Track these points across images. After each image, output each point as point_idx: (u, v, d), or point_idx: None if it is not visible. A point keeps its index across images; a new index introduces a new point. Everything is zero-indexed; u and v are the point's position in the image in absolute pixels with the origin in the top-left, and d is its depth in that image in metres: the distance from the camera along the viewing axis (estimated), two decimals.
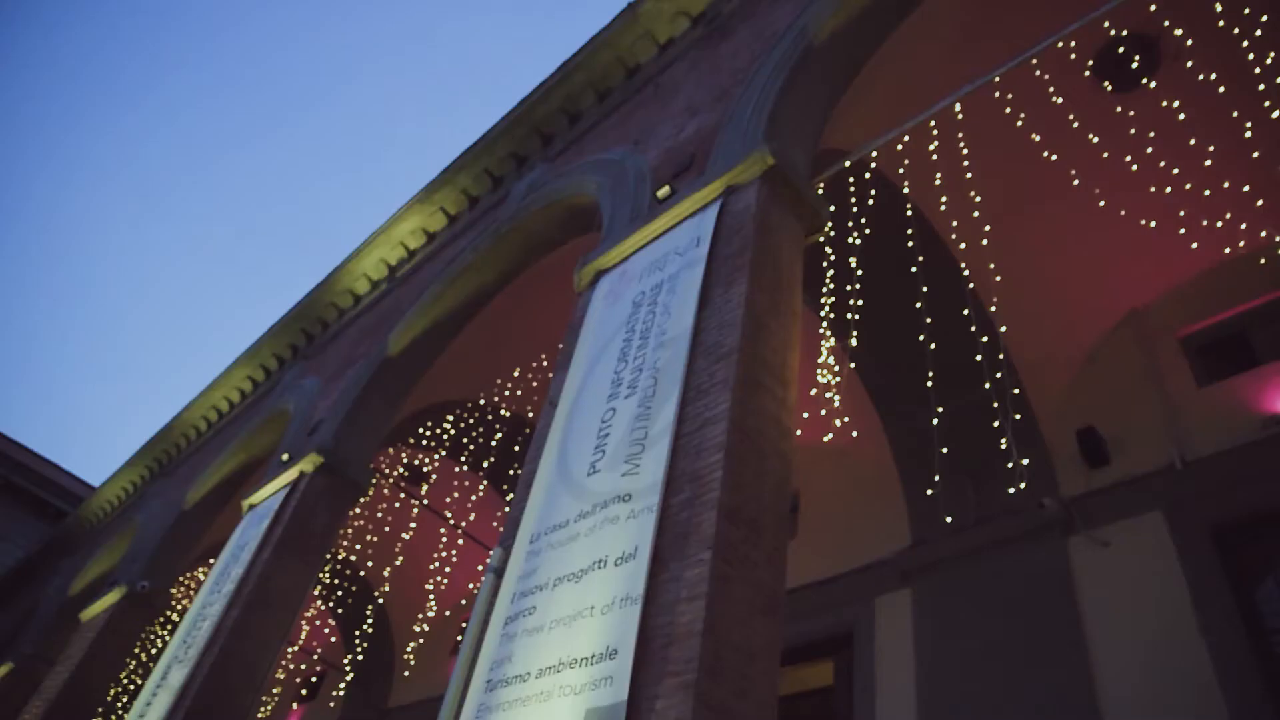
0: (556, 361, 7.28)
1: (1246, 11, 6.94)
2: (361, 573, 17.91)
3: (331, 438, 11.84)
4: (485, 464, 14.54)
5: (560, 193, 10.83)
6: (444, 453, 14.88)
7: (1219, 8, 7.00)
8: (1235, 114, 7.72)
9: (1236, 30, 7.13)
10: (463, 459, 14.75)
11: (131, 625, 15.02)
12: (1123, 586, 8.66)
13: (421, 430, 14.23)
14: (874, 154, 7.67)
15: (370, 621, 17.40)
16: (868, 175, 7.94)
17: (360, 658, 17.75)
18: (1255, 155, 8.01)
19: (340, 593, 18.26)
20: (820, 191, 7.36)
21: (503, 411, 14.18)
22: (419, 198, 14.24)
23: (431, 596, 15.94)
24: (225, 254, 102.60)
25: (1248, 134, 7.76)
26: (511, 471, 14.37)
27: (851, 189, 8.07)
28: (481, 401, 14.08)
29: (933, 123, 7.61)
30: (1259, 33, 7.10)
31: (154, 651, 16.02)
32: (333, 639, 20.03)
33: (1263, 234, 8.54)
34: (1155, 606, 8.32)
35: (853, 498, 11.63)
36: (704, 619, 4.20)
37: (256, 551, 10.83)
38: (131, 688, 15.25)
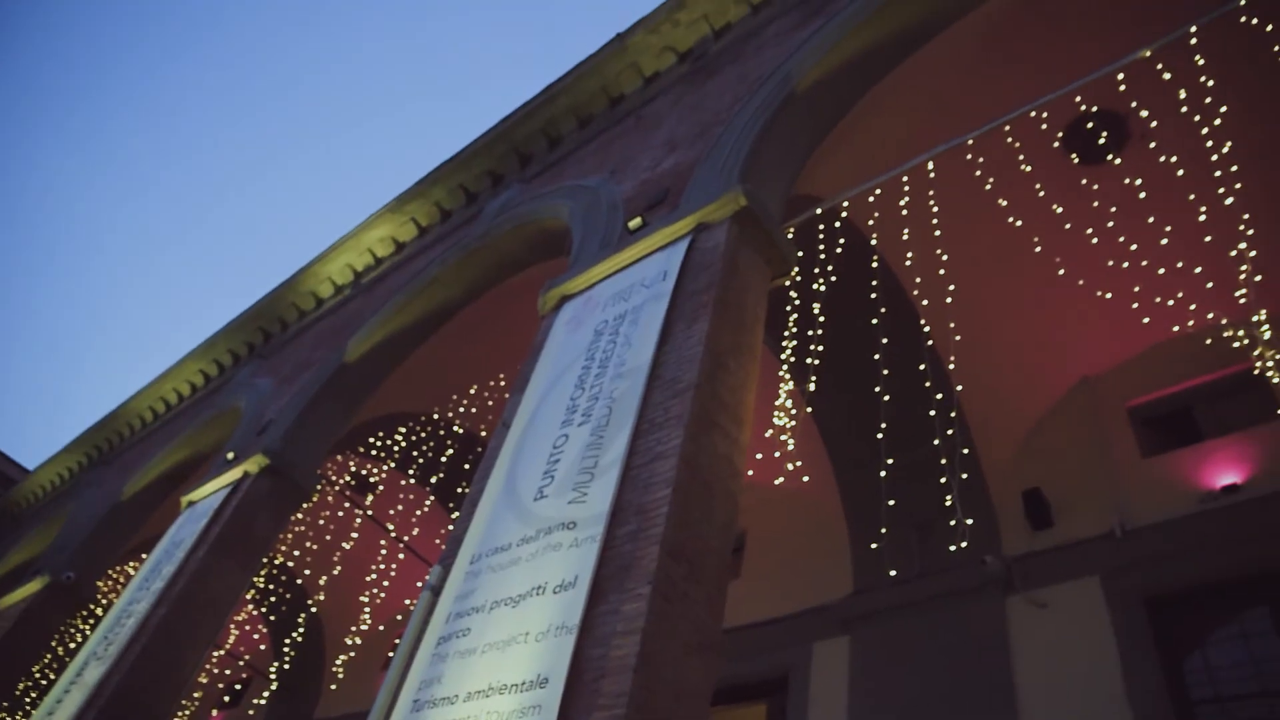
0: (514, 383, 7.24)
1: (1209, 100, 7.20)
2: (298, 580, 17.57)
3: (280, 440, 11.65)
4: (433, 479, 14.39)
5: (533, 215, 10.84)
6: (393, 464, 14.71)
7: (1183, 94, 7.26)
8: (1192, 197, 7.98)
9: (1198, 118, 7.39)
10: (411, 472, 14.58)
11: (51, 617, 14.56)
12: (1056, 648, 8.76)
13: (372, 440, 14.07)
14: (845, 204, 7.80)
15: (302, 630, 17.04)
16: (838, 224, 8.06)
17: (288, 666, 17.35)
18: (1208, 239, 8.28)
19: (274, 598, 17.87)
20: (790, 236, 7.45)
21: (456, 428, 14.06)
22: (391, 206, 14.17)
23: (367, 609, 15.68)
24: (195, 245, 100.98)
25: (1202, 217, 8.01)
26: (459, 489, 14.23)
27: (821, 236, 8.18)
28: (436, 416, 13.95)
29: (905, 178, 7.75)
30: (1218, 121, 7.37)
31: (72, 646, 15.51)
32: (261, 646, 19.57)
33: (1210, 315, 8.79)
34: (1086, 671, 8.42)
35: (799, 542, 11.67)
36: (638, 654, 4.17)
37: (191, 549, 10.58)
38: (44, 683, 14.75)
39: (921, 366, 7.99)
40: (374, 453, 14.33)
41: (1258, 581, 8.12)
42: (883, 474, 8.04)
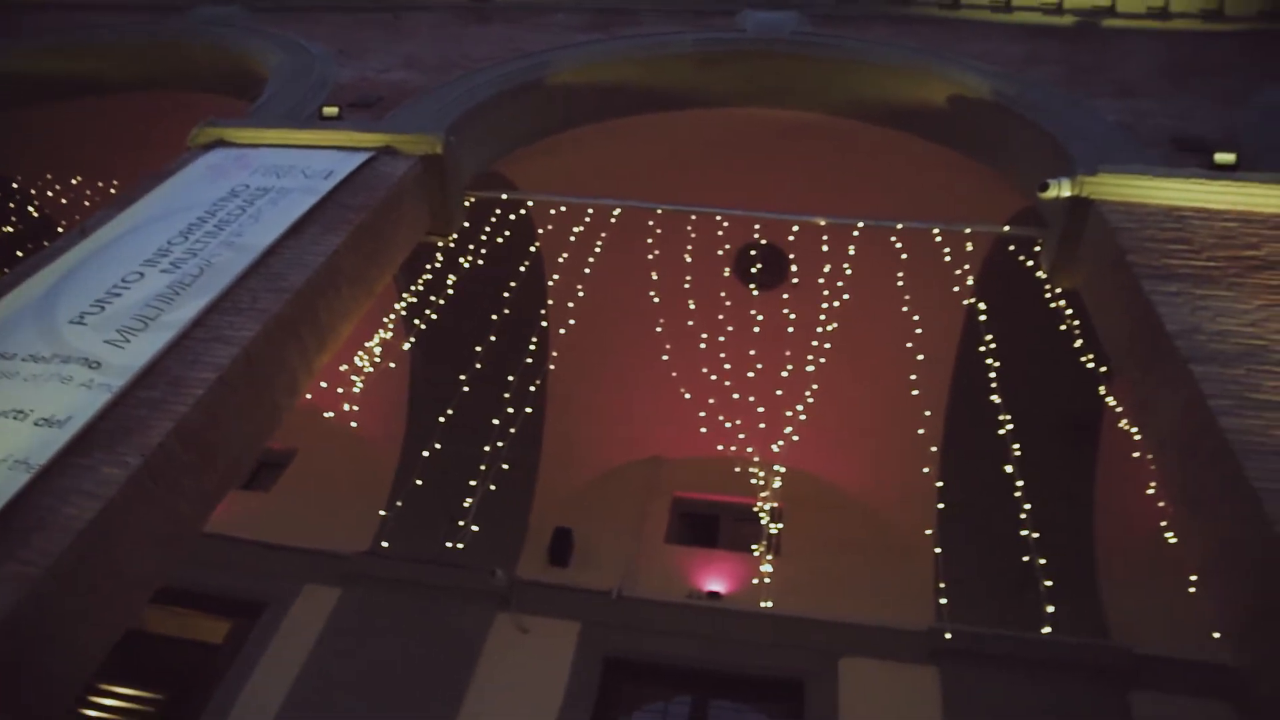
0: (118, 196, 6.47)
1: (839, 284, 8.41)
2: None
3: None
4: None
5: (240, 47, 9.78)
6: None
7: (827, 268, 8.41)
8: (788, 353, 9.19)
9: (826, 293, 8.60)
10: None
11: None
12: (517, 672, 9.39)
13: None
14: (530, 204, 7.99)
15: None
16: (513, 216, 8.21)
17: None
18: (779, 392, 9.58)
19: None
20: (466, 204, 7.45)
21: (31, 208, 12.11)
22: None
23: None
24: None
25: (784, 373, 9.22)
26: None
27: (494, 219, 8.26)
28: (15, 185, 11.92)
29: (591, 210, 8.10)
30: (837, 304, 8.60)
31: None
32: None
33: (749, 450, 9.94)
34: (530, 699, 9.09)
35: (344, 484, 11.37)
36: (91, 521, 3.86)
37: None
38: None
39: (510, 378, 8.31)
40: None
41: (690, 675, 9.41)
42: (425, 453, 8.20)
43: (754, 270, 9.26)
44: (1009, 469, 6.93)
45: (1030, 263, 7.47)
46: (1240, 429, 4.21)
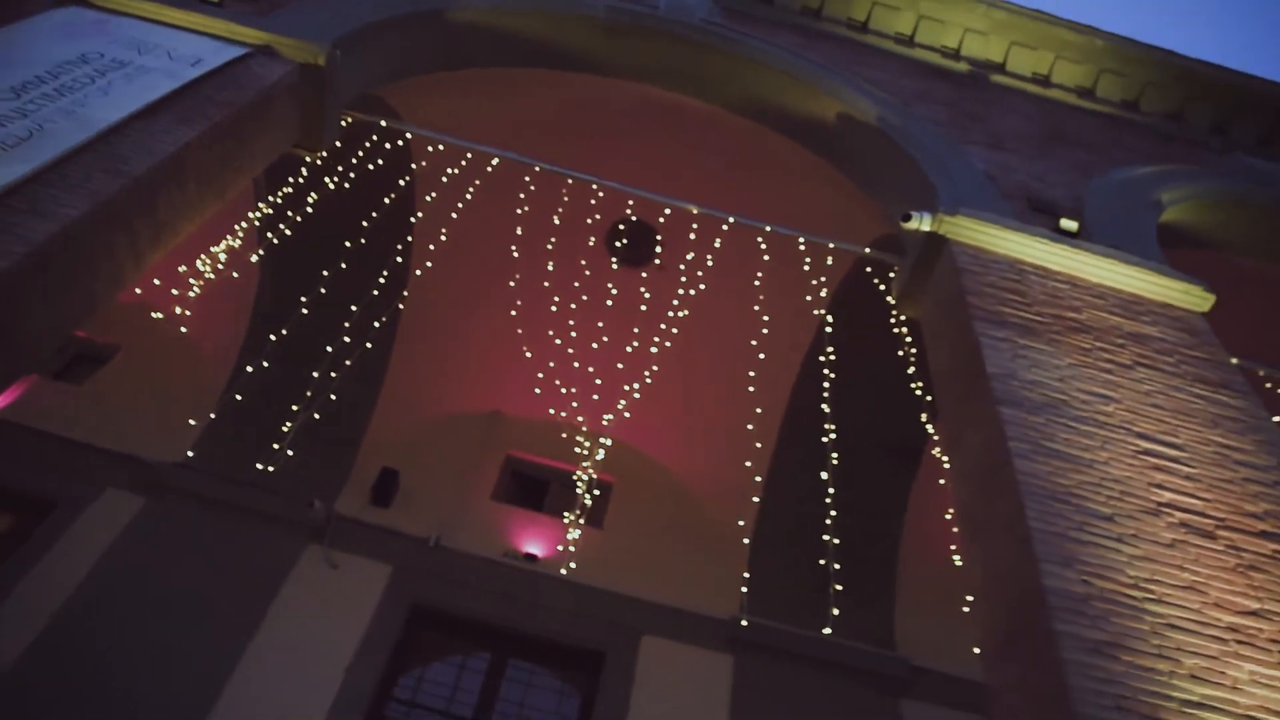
0: None
1: (699, 274, 8.54)
2: None
3: None
4: None
5: None
6: None
7: (690, 256, 8.55)
8: (636, 330, 9.25)
9: (683, 280, 8.74)
10: None
11: None
12: (318, 609, 9.12)
13: None
14: (408, 135, 7.73)
15: None
16: (390, 146, 7.93)
17: None
18: (620, 365, 9.63)
19: None
20: (343, 124, 7.14)
21: None
22: None
23: None
24: None
25: (629, 349, 9.29)
26: None
27: (369, 144, 7.96)
28: None
29: (469, 154, 7.92)
30: (693, 291, 8.75)
31: None
32: None
33: (580, 419, 9.76)
34: (328, 638, 8.87)
35: (165, 390, 10.66)
36: None
37: None
38: None
39: (353, 308, 8.04)
40: None
41: (493, 633, 9.49)
42: (249, 369, 7.84)
43: (620, 244, 9.28)
44: (825, 476, 7.24)
45: (883, 287, 7.81)
46: (1030, 472, 4.54)
